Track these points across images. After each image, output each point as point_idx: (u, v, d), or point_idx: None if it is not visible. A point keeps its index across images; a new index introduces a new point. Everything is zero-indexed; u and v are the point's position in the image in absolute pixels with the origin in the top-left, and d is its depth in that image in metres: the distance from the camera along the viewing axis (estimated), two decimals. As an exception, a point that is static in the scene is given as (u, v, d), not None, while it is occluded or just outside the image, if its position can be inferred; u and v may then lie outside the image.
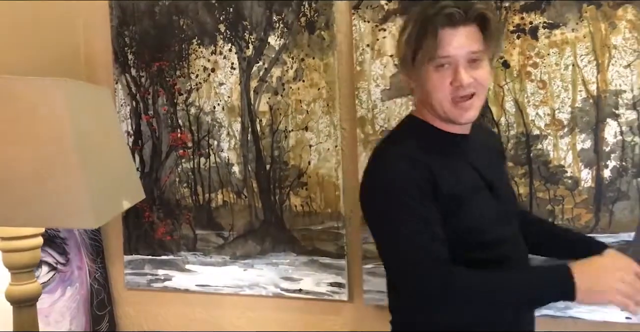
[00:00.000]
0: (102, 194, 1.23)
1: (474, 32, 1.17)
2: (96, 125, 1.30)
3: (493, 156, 1.37)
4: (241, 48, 1.96)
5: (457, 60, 1.15)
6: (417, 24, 1.17)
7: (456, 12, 1.14)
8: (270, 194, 1.97)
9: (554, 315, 1.65)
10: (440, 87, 1.16)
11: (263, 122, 1.95)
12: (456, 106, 1.17)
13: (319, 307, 1.96)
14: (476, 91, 1.17)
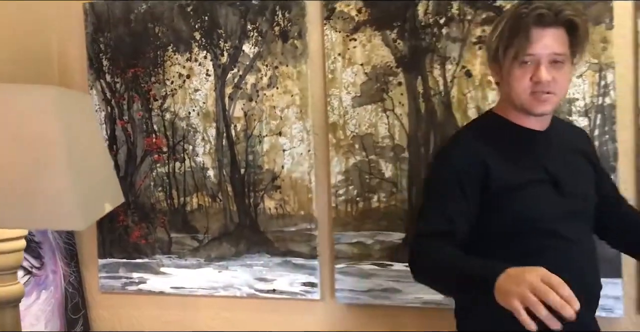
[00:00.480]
0: (88, 196, 1.28)
1: (561, 34, 1.24)
2: (80, 131, 1.34)
3: (574, 156, 1.38)
4: (216, 55, 2.02)
5: (540, 58, 1.23)
6: (509, 21, 1.25)
7: (547, 14, 1.21)
8: (244, 197, 2.03)
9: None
10: (521, 80, 1.25)
11: (238, 128, 2.02)
12: (534, 97, 1.25)
13: (292, 307, 2.03)
14: (554, 91, 1.25)
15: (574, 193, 1.32)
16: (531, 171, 1.30)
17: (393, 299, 1.89)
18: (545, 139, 1.33)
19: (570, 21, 1.24)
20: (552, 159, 1.32)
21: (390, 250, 1.89)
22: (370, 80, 1.88)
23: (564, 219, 1.29)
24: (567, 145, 1.38)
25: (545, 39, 1.22)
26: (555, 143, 1.35)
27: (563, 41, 1.24)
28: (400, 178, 1.87)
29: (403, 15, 1.84)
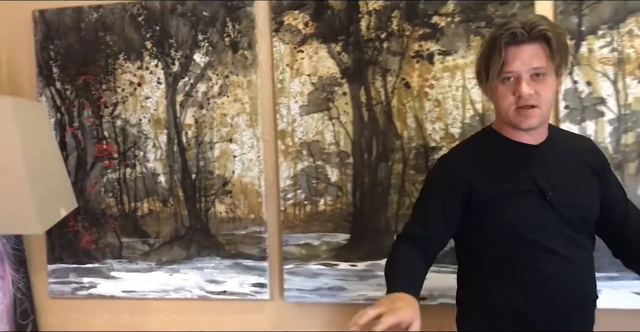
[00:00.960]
0: (44, 202, 1.32)
1: (538, 49, 1.30)
2: (36, 138, 1.38)
3: (573, 168, 1.41)
4: (167, 64, 2.08)
5: (520, 74, 1.30)
6: (487, 43, 1.35)
7: (519, 32, 1.29)
8: (195, 201, 2.09)
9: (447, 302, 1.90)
10: (505, 97, 1.34)
11: (189, 134, 2.08)
12: (519, 113, 1.33)
13: (243, 307, 2.10)
14: (537, 103, 1.31)
15: (566, 205, 1.36)
16: (518, 182, 1.37)
17: (339, 297, 1.99)
18: (539, 153, 1.39)
19: (544, 36, 1.30)
20: (544, 172, 1.37)
21: (336, 250, 1.99)
22: (316, 90, 1.99)
23: (550, 230, 1.36)
24: (566, 157, 1.41)
25: (521, 56, 1.30)
26: (550, 156, 1.39)
27: (541, 55, 1.30)
28: (345, 182, 1.99)
29: (347, 29, 1.96)
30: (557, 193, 1.36)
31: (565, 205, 1.36)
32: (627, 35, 1.77)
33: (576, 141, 1.49)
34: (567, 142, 1.46)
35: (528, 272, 1.37)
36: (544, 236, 1.36)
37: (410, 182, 1.94)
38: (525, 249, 1.37)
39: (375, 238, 1.97)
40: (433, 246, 1.46)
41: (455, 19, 1.88)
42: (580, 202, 1.39)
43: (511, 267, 1.39)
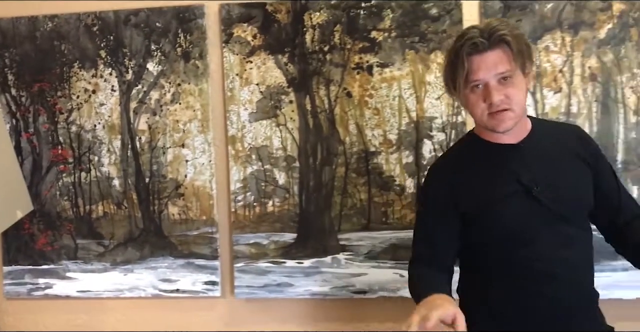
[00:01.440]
0: (1, 204, 1.40)
1: (500, 54, 1.31)
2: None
3: (560, 160, 1.41)
4: (121, 72, 2.17)
5: (487, 81, 1.31)
6: (449, 55, 1.36)
7: (479, 41, 1.30)
8: (149, 204, 2.18)
9: (386, 296, 2.05)
10: (476, 104, 1.35)
11: (142, 140, 2.17)
12: (493, 118, 1.34)
13: (195, 304, 2.20)
14: (509, 106, 1.32)
15: (555, 199, 1.36)
16: (504, 185, 1.39)
17: (286, 293, 2.12)
18: (520, 151, 1.40)
19: (504, 40, 1.30)
20: (528, 169, 1.38)
21: (283, 249, 2.12)
22: (265, 98, 2.11)
23: (541, 227, 1.37)
24: (552, 150, 1.41)
25: (485, 63, 1.31)
26: (534, 151, 1.40)
27: (504, 59, 1.31)
28: (292, 185, 2.12)
29: (293, 42, 2.09)
30: (544, 189, 1.37)
31: (555, 200, 1.37)
32: (544, 50, 1.96)
33: (562, 131, 1.48)
34: (552, 133, 1.45)
35: (523, 273, 1.39)
36: (535, 235, 1.37)
37: (352, 185, 2.08)
38: (518, 250, 1.39)
39: (320, 237, 2.10)
40: (444, 260, 1.48)
41: (392, 34, 2.04)
42: (571, 195, 1.39)
43: (507, 269, 1.41)
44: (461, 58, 1.31)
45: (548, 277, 1.37)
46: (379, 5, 2.04)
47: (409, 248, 1.90)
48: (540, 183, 1.37)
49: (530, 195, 1.37)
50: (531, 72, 1.40)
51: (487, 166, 1.42)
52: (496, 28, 1.31)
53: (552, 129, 1.48)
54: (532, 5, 1.95)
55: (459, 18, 2.00)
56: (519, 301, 1.41)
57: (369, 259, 2.07)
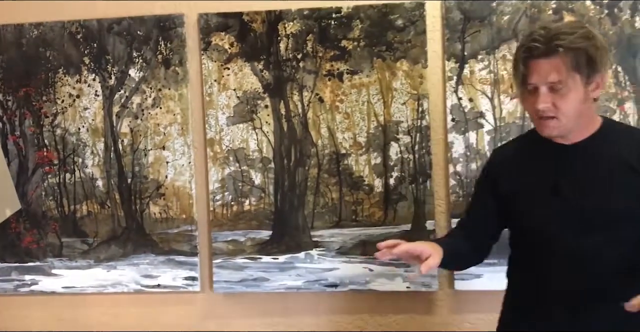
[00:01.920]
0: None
1: (556, 62, 1.29)
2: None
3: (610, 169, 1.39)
4: (104, 78, 2.27)
5: (538, 87, 1.32)
6: (515, 53, 1.40)
7: (534, 46, 1.30)
8: (131, 204, 2.29)
9: (356, 289, 2.19)
10: (528, 106, 1.40)
11: (125, 142, 2.28)
12: (539, 123, 1.38)
13: (176, 299, 2.31)
14: (555, 115, 1.33)
15: (584, 204, 1.37)
16: (537, 179, 1.44)
17: (262, 287, 2.24)
18: (570, 153, 1.41)
19: (560, 49, 1.29)
20: (571, 172, 1.40)
21: (260, 245, 2.24)
22: (241, 103, 2.23)
23: (565, 230, 1.39)
24: (606, 158, 1.39)
25: (538, 70, 1.31)
26: (583, 154, 1.40)
27: (560, 68, 1.29)
28: (267, 185, 2.24)
29: (268, 50, 2.21)
30: (576, 192, 1.38)
31: (583, 205, 1.38)
32: (502, 59, 2.11)
33: (628, 141, 1.42)
34: (615, 142, 1.41)
35: (536, 267, 1.46)
36: (555, 237, 1.40)
37: (324, 184, 2.21)
38: (535, 243, 1.45)
39: (294, 234, 2.23)
40: (474, 231, 1.61)
41: (361, 43, 2.17)
42: (607, 205, 1.37)
43: (526, 261, 1.50)
44: (520, 59, 1.35)
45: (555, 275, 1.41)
46: (348, 16, 2.17)
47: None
48: (575, 186, 1.39)
49: (557, 197, 1.40)
50: (600, 83, 1.37)
51: (535, 159, 1.47)
52: (557, 36, 1.30)
53: (620, 134, 1.45)
54: (490, 17, 2.10)
55: (422, 29, 2.14)
56: (531, 293, 1.49)
57: (340, 254, 2.20)
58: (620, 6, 2.05)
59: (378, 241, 2.11)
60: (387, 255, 1.47)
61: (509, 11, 2.09)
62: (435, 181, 2.17)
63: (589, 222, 1.38)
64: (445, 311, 2.20)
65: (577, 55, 1.30)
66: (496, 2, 2.09)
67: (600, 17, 2.05)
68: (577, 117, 1.36)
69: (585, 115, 1.39)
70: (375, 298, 2.22)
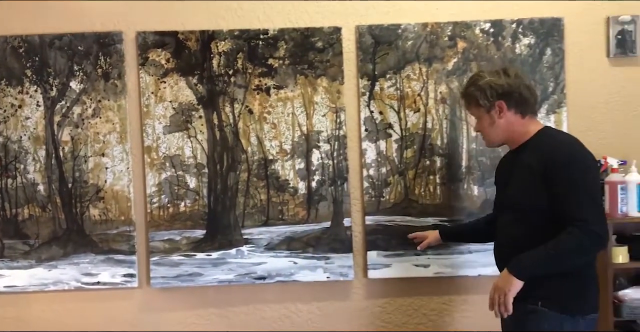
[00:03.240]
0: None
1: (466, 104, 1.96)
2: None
3: (520, 169, 1.84)
4: (46, 90, 2.43)
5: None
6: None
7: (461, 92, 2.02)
8: (72, 207, 2.45)
9: (282, 280, 2.45)
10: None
11: (66, 150, 2.44)
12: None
13: (115, 295, 2.49)
14: (482, 134, 1.96)
15: (506, 194, 1.92)
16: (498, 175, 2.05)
17: (197, 281, 2.46)
18: (510, 156, 1.95)
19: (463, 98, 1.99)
20: (505, 169, 1.96)
21: (194, 244, 2.46)
22: (177, 113, 2.45)
23: (500, 209, 1.97)
24: (520, 161, 1.85)
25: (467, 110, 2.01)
26: (515, 159, 1.89)
27: (469, 107, 1.95)
28: (201, 188, 2.46)
29: (202, 66, 2.44)
30: (504, 185, 1.93)
31: (506, 194, 1.92)
32: (406, 78, 2.44)
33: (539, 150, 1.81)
34: (533, 149, 1.83)
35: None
36: (499, 213, 1.98)
37: (254, 187, 2.46)
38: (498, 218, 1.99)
39: (226, 232, 2.46)
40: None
41: (286, 62, 2.44)
42: (513, 193, 1.87)
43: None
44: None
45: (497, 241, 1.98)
46: (274, 38, 2.44)
47: (301, 240, 2.43)
48: (505, 180, 1.94)
49: (498, 186, 2.03)
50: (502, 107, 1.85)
51: (502, 161, 2.06)
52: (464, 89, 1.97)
53: (539, 146, 1.83)
54: (397, 42, 2.43)
55: (339, 50, 2.44)
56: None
57: (268, 250, 2.46)
58: (503, 34, 2.43)
59: (302, 237, 2.48)
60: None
61: (412, 37, 2.43)
62: (351, 183, 2.47)
63: (508, 206, 1.91)
64: (360, 297, 2.50)
65: (468, 99, 1.93)
66: (401, 29, 2.43)
67: (487, 43, 2.43)
68: (497, 134, 1.91)
69: (511, 130, 1.89)
70: (299, 288, 2.49)
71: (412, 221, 2.46)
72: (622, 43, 2.43)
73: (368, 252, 2.46)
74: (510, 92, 1.84)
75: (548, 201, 1.75)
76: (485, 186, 2.44)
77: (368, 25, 2.44)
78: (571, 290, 1.77)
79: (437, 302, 2.49)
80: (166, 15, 2.45)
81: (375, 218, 2.46)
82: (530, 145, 1.84)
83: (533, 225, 1.80)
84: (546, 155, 1.77)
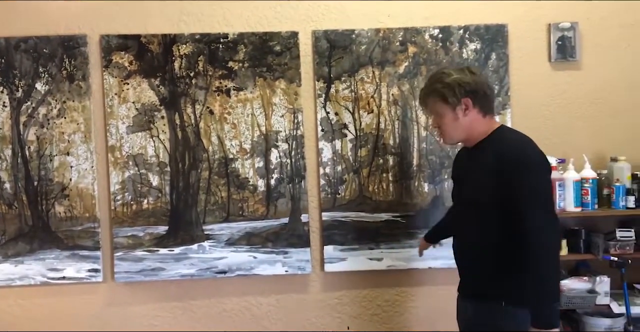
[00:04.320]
0: None
1: (429, 102, 1.91)
2: None
3: (476, 168, 1.87)
4: (12, 91, 2.50)
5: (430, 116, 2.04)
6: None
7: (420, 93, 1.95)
8: (37, 204, 2.53)
9: (243, 274, 2.55)
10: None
11: (31, 149, 2.51)
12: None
13: (80, 289, 2.57)
14: (441, 131, 1.93)
15: (464, 191, 1.95)
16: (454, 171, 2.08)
17: (160, 276, 2.55)
18: (466, 154, 1.97)
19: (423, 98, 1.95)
20: (463, 166, 2.00)
21: (157, 239, 2.55)
22: (140, 114, 2.54)
23: (459, 204, 2.01)
24: (476, 160, 1.89)
25: (425, 106, 1.96)
26: (471, 157, 1.93)
27: (430, 105, 1.91)
28: (164, 186, 2.56)
29: (164, 68, 2.54)
30: (462, 182, 1.97)
31: (464, 191, 1.95)
32: (360, 81, 2.56)
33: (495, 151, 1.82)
34: (487, 149, 1.85)
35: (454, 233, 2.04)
36: (457, 207, 2.03)
37: (215, 185, 2.56)
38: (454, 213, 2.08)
39: (188, 228, 2.56)
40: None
41: (245, 65, 2.55)
42: (469, 190, 1.90)
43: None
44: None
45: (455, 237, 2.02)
46: (234, 41, 2.54)
47: (260, 235, 2.55)
48: (463, 177, 1.98)
49: (456, 183, 2.03)
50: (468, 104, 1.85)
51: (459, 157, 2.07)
52: (424, 87, 1.94)
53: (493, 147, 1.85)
54: (351, 46, 2.55)
55: (296, 54, 2.55)
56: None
57: (229, 245, 2.56)
58: (451, 40, 2.56)
59: (262, 232, 2.59)
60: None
61: (366, 41, 2.56)
62: (309, 181, 2.59)
63: (465, 202, 1.94)
64: (317, 289, 2.62)
65: (433, 97, 1.89)
66: (355, 34, 2.55)
67: (436, 48, 2.56)
68: (461, 131, 1.89)
69: (471, 128, 1.88)
70: (259, 281, 2.60)
71: (366, 217, 2.58)
72: (562, 48, 2.58)
73: (325, 247, 2.58)
74: (476, 90, 1.86)
75: (503, 199, 1.76)
76: (435, 183, 2.58)
77: (324, 30, 2.55)
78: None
79: (390, 294, 2.62)
80: (129, 19, 2.54)
81: (332, 214, 2.58)
82: (487, 144, 1.86)
83: (488, 221, 1.82)
84: (505, 156, 1.78)
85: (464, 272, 1.96)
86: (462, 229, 1.96)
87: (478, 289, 1.86)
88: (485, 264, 1.84)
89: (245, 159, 2.57)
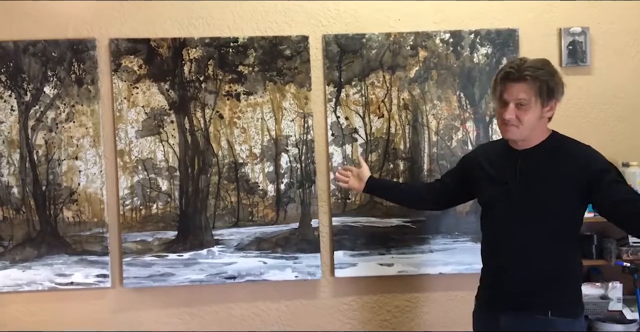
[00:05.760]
0: None
1: (524, 86, 1.70)
2: None
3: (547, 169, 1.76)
4: (20, 95, 2.48)
5: (509, 102, 1.73)
6: (495, 76, 1.79)
7: (510, 72, 1.71)
8: (46, 209, 2.51)
9: (252, 279, 2.54)
10: (498, 115, 1.79)
11: (40, 153, 2.50)
12: (504, 127, 1.77)
13: (88, 295, 2.55)
14: (517, 125, 1.73)
15: (523, 199, 1.76)
16: (495, 171, 1.86)
17: (169, 281, 2.53)
18: (518, 156, 1.80)
19: (526, 77, 1.70)
20: (514, 170, 1.80)
21: (166, 244, 2.53)
22: (149, 118, 2.53)
23: (502, 209, 1.81)
24: (544, 166, 1.76)
25: (511, 89, 1.72)
26: (527, 158, 1.78)
27: (525, 90, 1.70)
28: (173, 191, 2.54)
29: (173, 72, 2.53)
30: (517, 188, 1.78)
31: (523, 199, 1.76)
32: (371, 85, 2.55)
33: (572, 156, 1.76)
34: (558, 151, 1.77)
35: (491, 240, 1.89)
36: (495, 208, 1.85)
37: (224, 190, 2.55)
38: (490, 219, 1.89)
39: (197, 233, 2.54)
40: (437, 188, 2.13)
41: (255, 69, 2.54)
42: (538, 200, 1.74)
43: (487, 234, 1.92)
44: (498, 80, 1.77)
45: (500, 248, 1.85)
46: (244, 45, 2.53)
47: (270, 240, 2.51)
48: (517, 183, 1.79)
49: (504, 187, 1.81)
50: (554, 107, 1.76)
51: (496, 155, 1.90)
52: (528, 68, 1.71)
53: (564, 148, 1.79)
54: (361, 51, 2.54)
55: (307, 58, 2.54)
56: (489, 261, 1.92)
57: (238, 250, 2.55)
58: (462, 45, 2.56)
59: (271, 238, 2.57)
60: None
61: (376, 46, 2.55)
62: (319, 186, 2.57)
63: (528, 208, 1.77)
64: (327, 295, 2.60)
65: (540, 84, 1.72)
66: (365, 38, 2.54)
67: (447, 53, 2.56)
68: (531, 129, 1.76)
69: (538, 129, 1.79)
70: (269, 287, 2.58)
71: (377, 222, 2.57)
72: (573, 53, 2.58)
73: (335, 252, 2.56)
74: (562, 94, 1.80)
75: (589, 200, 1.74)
76: (446, 188, 2.57)
77: (334, 35, 2.54)
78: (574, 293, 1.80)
79: (400, 300, 2.61)
80: (139, 22, 2.53)
81: (342, 219, 2.57)
82: (554, 147, 1.79)
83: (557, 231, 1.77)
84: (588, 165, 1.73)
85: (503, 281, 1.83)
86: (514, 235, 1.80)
87: (520, 299, 1.78)
88: (539, 272, 1.77)
89: (255, 163, 2.56)
